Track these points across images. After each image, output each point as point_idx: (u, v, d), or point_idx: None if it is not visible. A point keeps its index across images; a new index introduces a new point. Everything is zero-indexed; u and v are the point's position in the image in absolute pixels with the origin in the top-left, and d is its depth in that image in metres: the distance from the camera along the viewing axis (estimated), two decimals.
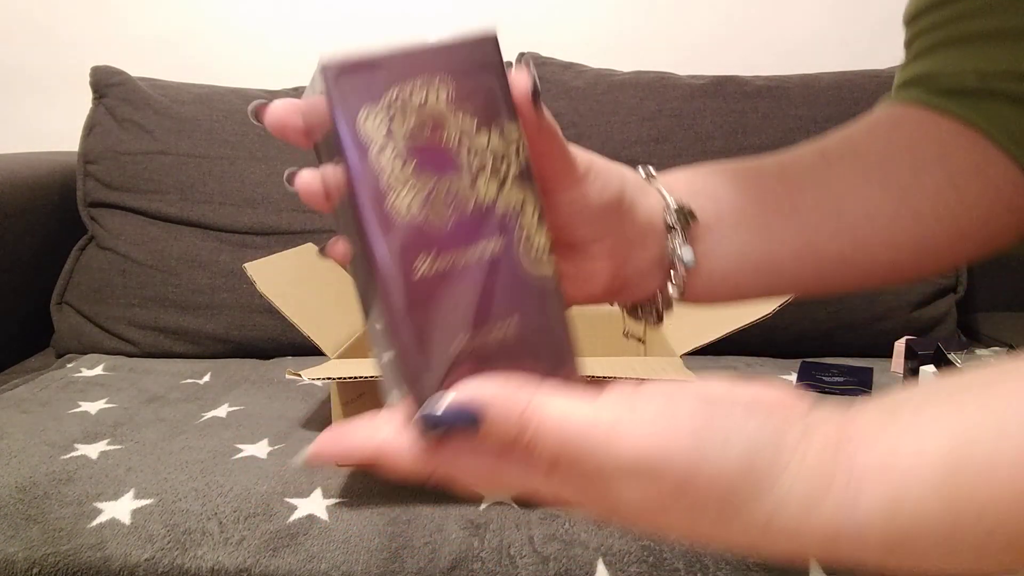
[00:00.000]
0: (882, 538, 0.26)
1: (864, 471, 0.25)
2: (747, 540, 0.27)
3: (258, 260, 0.77)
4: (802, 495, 0.26)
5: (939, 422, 0.26)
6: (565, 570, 0.59)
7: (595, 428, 0.26)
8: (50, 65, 1.47)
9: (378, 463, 0.29)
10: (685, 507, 0.26)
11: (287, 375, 0.60)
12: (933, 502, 0.25)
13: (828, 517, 0.26)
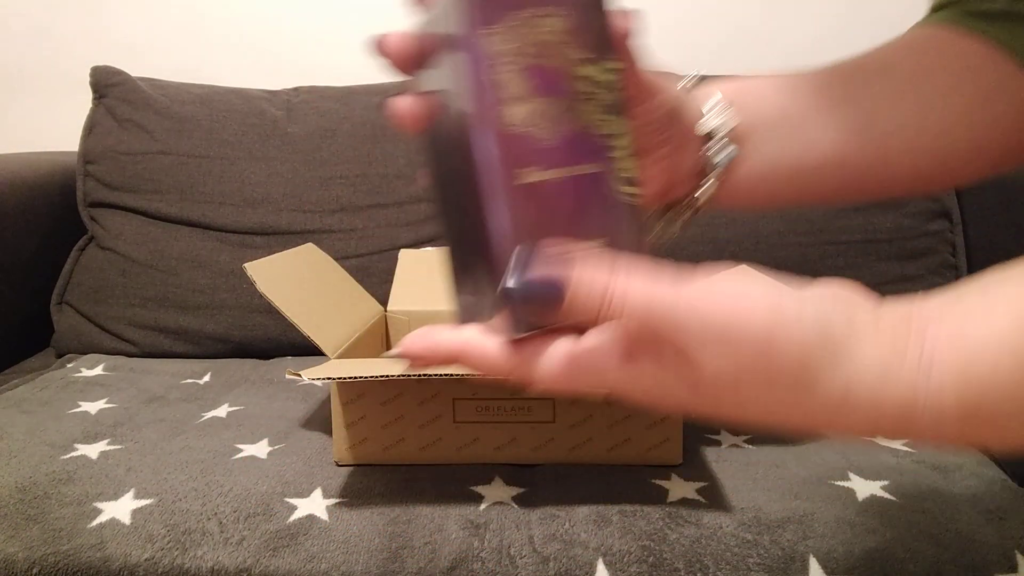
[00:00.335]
0: (957, 405, 0.26)
1: (935, 342, 0.26)
2: (824, 414, 0.27)
3: (258, 260, 0.77)
4: (876, 366, 0.26)
5: (1008, 296, 0.27)
6: (565, 570, 0.59)
7: (678, 298, 0.27)
8: (50, 65, 1.47)
9: (462, 360, 0.31)
10: (764, 378, 0.27)
11: (287, 375, 0.60)
12: (1007, 366, 0.25)
13: (903, 388, 0.26)
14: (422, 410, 0.71)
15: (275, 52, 1.45)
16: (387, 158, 1.19)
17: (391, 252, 1.15)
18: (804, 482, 0.68)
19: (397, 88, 1.25)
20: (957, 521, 0.62)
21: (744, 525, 0.62)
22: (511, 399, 0.70)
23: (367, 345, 0.88)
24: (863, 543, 0.60)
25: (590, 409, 0.70)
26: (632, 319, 0.27)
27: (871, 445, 0.76)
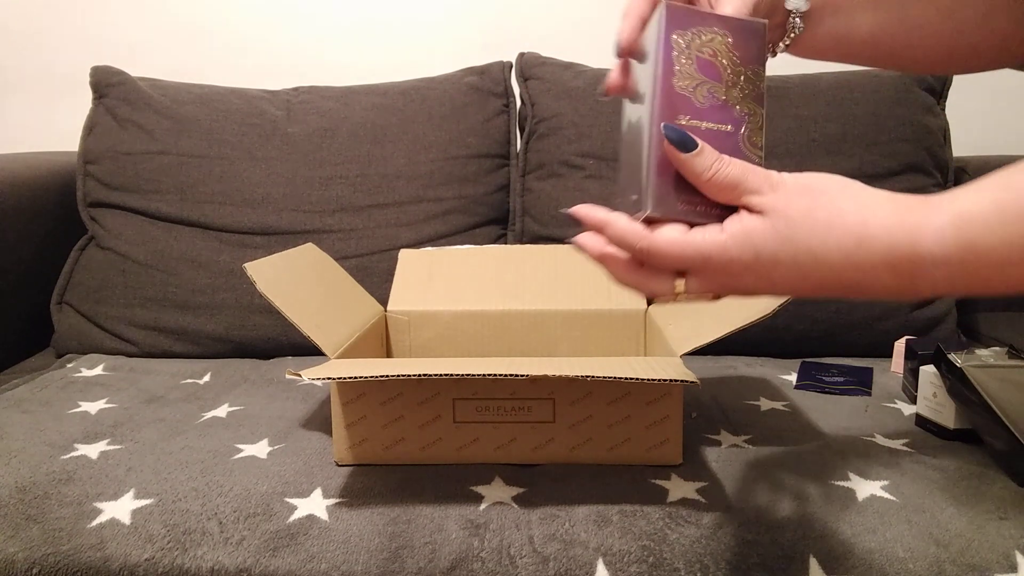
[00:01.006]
0: (955, 244, 0.36)
1: (935, 203, 0.37)
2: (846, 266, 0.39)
3: (258, 260, 0.77)
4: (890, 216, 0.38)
5: (991, 178, 0.37)
6: (565, 570, 0.59)
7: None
8: (50, 65, 1.47)
9: (605, 226, 0.44)
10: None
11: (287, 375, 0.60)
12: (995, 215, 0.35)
13: (909, 228, 0.37)
14: (422, 410, 0.71)
15: (275, 52, 1.45)
16: (387, 158, 1.19)
17: (391, 252, 1.15)
18: (804, 482, 0.68)
19: (397, 88, 1.25)
20: (957, 521, 0.62)
21: (744, 525, 0.62)
22: (511, 399, 0.70)
23: (367, 345, 0.88)
24: (863, 543, 0.60)
25: (590, 409, 0.70)
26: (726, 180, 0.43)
27: (871, 445, 0.76)
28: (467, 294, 0.99)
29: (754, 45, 0.47)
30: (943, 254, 0.36)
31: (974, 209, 0.36)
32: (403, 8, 1.43)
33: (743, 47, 0.47)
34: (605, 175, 1.16)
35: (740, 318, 0.71)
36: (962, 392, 0.73)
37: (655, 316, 0.92)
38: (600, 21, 1.42)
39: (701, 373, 0.99)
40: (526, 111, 1.26)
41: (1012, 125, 1.43)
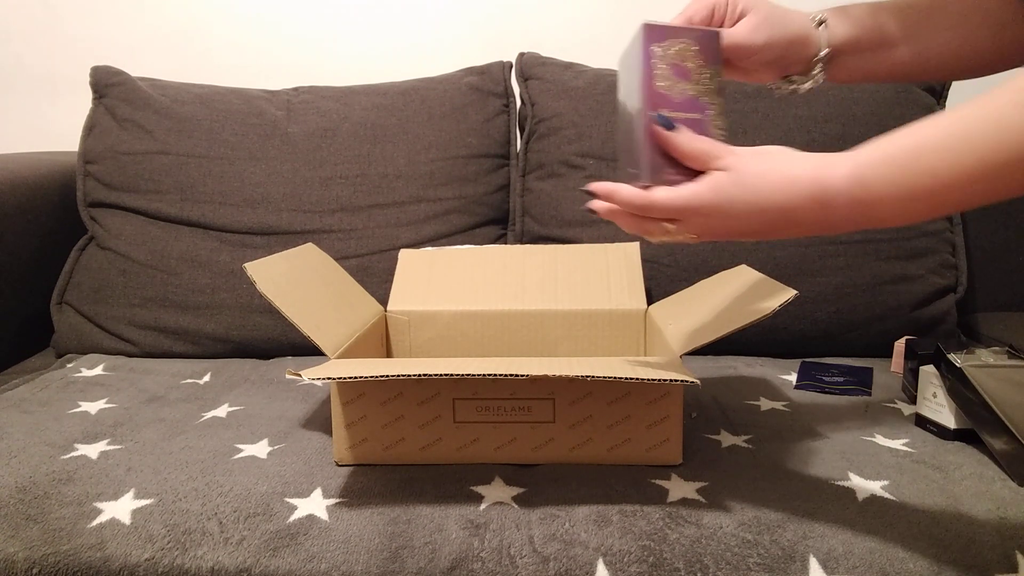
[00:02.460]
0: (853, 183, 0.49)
1: (841, 156, 0.50)
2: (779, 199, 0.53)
3: (258, 260, 0.77)
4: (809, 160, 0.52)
5: (886, 136, 0.48)
6: (565, 570, 0.59)
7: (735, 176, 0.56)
8: (50, 65, 1.47)
9: (613, 194, 0.58)
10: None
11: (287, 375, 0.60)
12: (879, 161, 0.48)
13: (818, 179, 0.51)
14: (422, 410, 0.71)
15: (275, 52, 1.45)
16: (387, 158, 1.19)
17: (391, 252, 1.15)
18: (804, 482, 0.68)
19: (397, 88, 1.25)
20: (957, 521, 0.62)
21: (744, 525, 0.62)
22: (511, 399, 0.70)
23: (367, 345, 0.88)
24: (863, 543, 0.60)
25: (590, 409, 0.70)
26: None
27: (871, 445, 0.76)
28: (467, 294, 0.99)
29: (713, 49, 0.61)
30: (846, 190, 0.49)
31: (867, 158, 0.49)
32: (403, 8, 1.43)
33: (705, 52, 0.61)
34: (605, 175, 1.16)
35: (739, 318, 0.71)
36: (962, 392, 0.73)
37: (655, 316, 0.92)
38: (600, 21, 1.42)
39: (701, 373, 0.99)
40: (526, 111, 1.26)
41: None
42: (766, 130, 1.14)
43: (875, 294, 1.08)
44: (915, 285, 1.10)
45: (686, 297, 0.92)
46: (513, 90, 1.29)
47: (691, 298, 0.90)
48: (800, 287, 1.08)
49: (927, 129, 0.46)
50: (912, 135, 0.47)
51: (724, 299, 0.82)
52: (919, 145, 0.46)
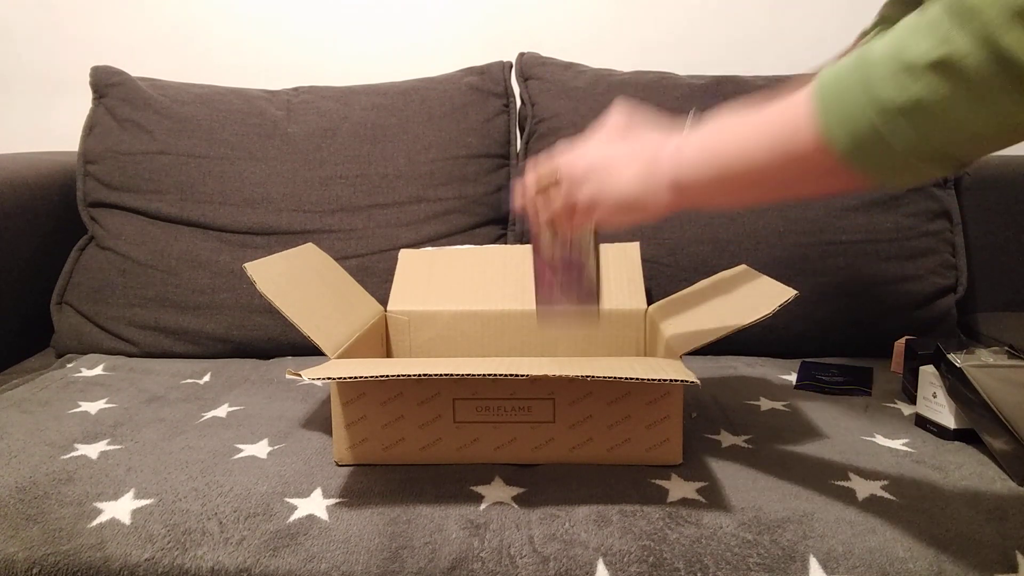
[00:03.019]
0: (674, 163, 0.58)
1: (673, 138, 0.59)
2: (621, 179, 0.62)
3: (258, 260, 0.77)
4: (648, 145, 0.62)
5: (707, 124, 0.57)
6: (565, 570, 0.59)
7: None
8: (50, 65, 1.47)
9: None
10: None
11: (287, 375, 0.60)
12: (695, 147, 0.56)
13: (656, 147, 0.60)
14: (422, 410, 0.71)
15: (275, 52, 1.45)
16: (387, 158, 1.19)
17: (391, 252, 1.15)
18: (804, 482, 0.68)
19: (397, 88, 1.25)
20: (957, 521, 0.62)
21: (744, 525, 0.62)
22: (511, 399, 0.70)
23: (367, 345, 0.88)
24: (863, 543, 0.60)
25: (590, 409, 0.70)
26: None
27: (871, 445, 0.76)
28: (467, 294, 0.99)
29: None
30: (669, 162, 0.58)
31: (686, 142, 0.57)
32: (403, 8, 1.43)
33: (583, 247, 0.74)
34: None
35: (739, 318, 0.71)
36: (962, 392, 0.73)
37: (655, 316, 0.92)
38: (600, 21, 1.42)
39: (701, 373, 0.99)
40: (526, 111, 1.26)
41: None
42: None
43: (875, 294, 1.08)
44: (915, 285, 1.10)
45: (686, 297, 0.92)
46: (513, 90, 1.29)
47: (691, 298, 0.90)
48: (800, 287, 1.08)
49: (726, 127, 0.55)
50: (718, 130, 0.56)
51: (724, 299, 0.82)
52: (717, 162, 0.55)
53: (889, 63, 0.44)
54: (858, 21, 1.38)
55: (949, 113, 0.42)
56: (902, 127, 0.43)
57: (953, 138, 0.43)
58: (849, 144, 0.46)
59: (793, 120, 0.50)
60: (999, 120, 0.41)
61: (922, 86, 0.42)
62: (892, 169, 0.46)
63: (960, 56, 0.40)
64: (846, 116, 0.46)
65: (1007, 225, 1.23)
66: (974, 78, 0.40)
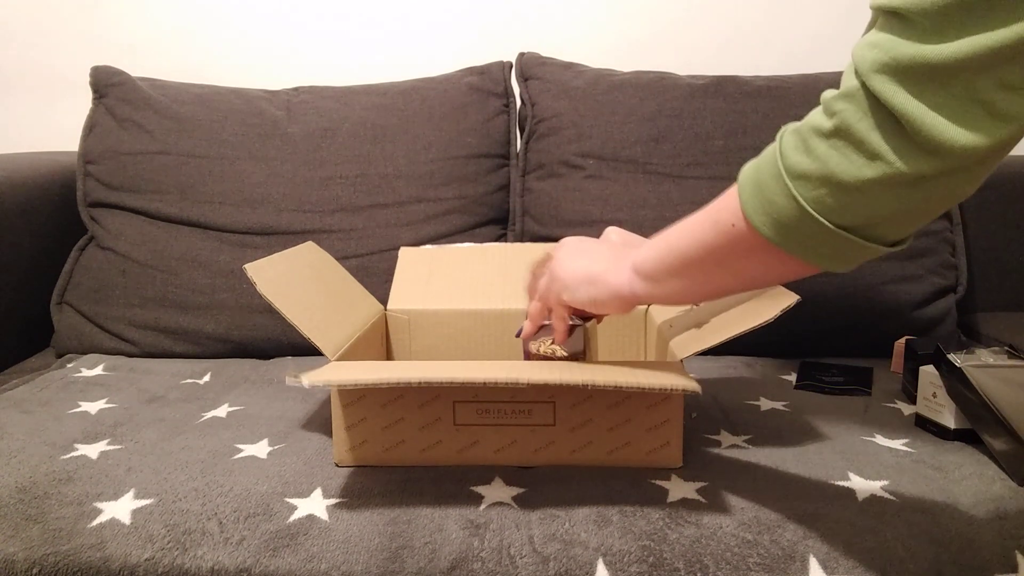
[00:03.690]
0: (632, 281, 0.61)
1: (628, 257, 0.62)
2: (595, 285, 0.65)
3: (258, 260, 0.77)
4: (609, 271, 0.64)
5: (658, 236, 0.59)
6: (565, 570, 0.59)
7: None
8: (50, 65, 1.47)
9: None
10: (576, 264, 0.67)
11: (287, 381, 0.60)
12: (653, 256, 0.59)
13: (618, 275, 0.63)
14: (422, 412, 0.71)
15: (275, 52, 1.45)
16: (387, 158, 1.19)
17: (391, 252, 1.15)
18: (804, 482, 0.68)
19: (397, 88, 1.25)
20: (957, 521, 0.62)
21: (744, 525, 0.62)
22: (511, 402, 0.70)
23: (367, 345, 0.88)
24: (863, 543, 0.60)
25: (590, 412, 0.70)
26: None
27: (871, 445, 0.76)
28: (467, 293, 0.99)
29: (577, 338, 0.76)
30: (634, 252, 0.61)
31: (641, 257, 0.60)
32: (403, 8, 1.43)
33: (569, 343, 0.75)
34: (605, 175, 1.16)
35: (741, 323, 0.71)
36: (962, 392, 0.73)
37: (656, 316, 0.92)
38: (600, 21, 1.42)
39: (701, 373, 0.99)
40: (526, 111, 1.26)
41: None
42: (766, 130, 1.14)
43: (875, 294, 1.08)
44: (915, 285, 1.10)
45: None
46: (513, 90, 1.29)
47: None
48: (800, 287, 1.08)
49: (684, 221, 0.57)
50: (665, 239, 0.58)
51: (726, 302, 0.82)
52: (666, 245, 0.58)
53: (794, 137, 0.46)
54: (858, 21, 1.38)
55: (844, 171, 0.43)
56: (807, 193, 0.44)
57: (857, 202, 0.43)
58: (769, 226, 0.47)
59: (729, 207, 0.51)
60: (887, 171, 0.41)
61: (823, 149, 0.43)
62: (821, 248, 0.46)
63: (844, 107, 0.42)
64: (763, 198, 0.47)
65: (1007, 225, 1.23)
66: (856, 125, 0.41)
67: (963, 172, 0.41)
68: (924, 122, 0.39)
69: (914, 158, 0.40)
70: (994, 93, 0.38)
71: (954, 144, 0.39)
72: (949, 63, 0.38)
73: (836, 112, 0.43)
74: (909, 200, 0.42)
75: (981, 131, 0.38)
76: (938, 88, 0.38)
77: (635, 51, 1.42)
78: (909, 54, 0.39)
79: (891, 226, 0.45)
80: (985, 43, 0.37)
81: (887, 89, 0.40)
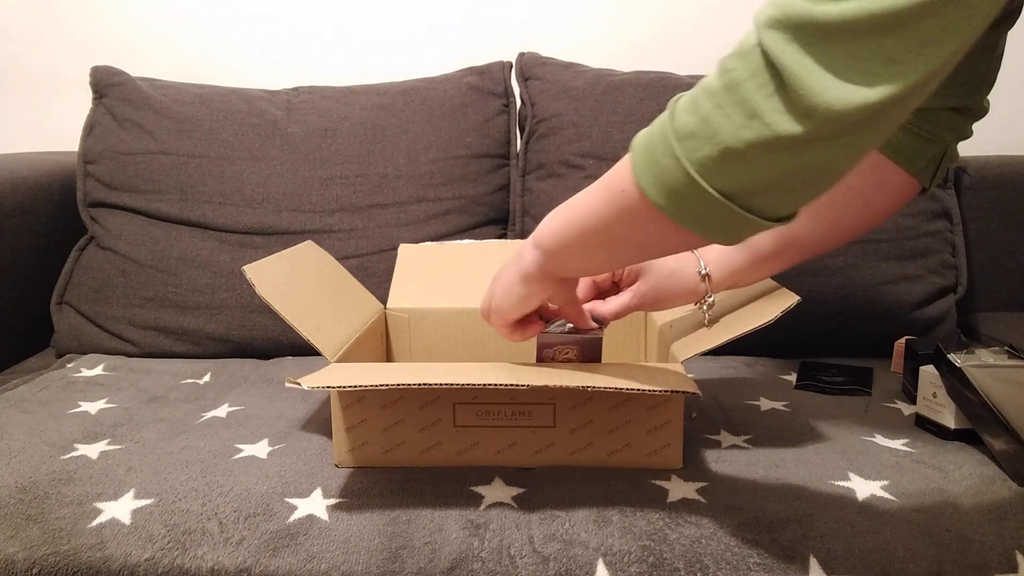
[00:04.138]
0: (534, 244, 0.62)
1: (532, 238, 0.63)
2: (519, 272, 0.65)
3: (257, 261, 0.77)
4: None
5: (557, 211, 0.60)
6: (565, 570, 0.59)
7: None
8: (50, 65, 1.47)
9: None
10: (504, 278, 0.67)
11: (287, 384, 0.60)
12: (552, 226, 0.59)
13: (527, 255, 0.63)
14: (422, 414, 0.71)
15: (275, 52, 1.45)
16: (387, 158, 1.19)
17: (391, 252, 1.15)
18: (804, 482, 0.68)
19: (397, 88, 1.25)
20: (957, 521, 0.62)
21: (744, 525, 0.62)
22: (512, 404, 0.70)
23: (367, 345, 0.88)
24: (863, 543, 0.60)
25: (591, 414, 0.70)
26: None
27: (871, 445, 0.76)
28: (467, 290, 0.99)
29: (592, 348, 0.72)
30: (532, 263, 0.62)
31: (541, 232, 0.61)
32: (403, 8, 1.43)
33: (584, 353, 0.72)
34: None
35: (741, 325, 0.71)
36: (962, 392, 0.73)
37: (656, 318, 0.91)
38: (600, 21, 1.42)
39: (701, 373, 0.99)
40: (526, 111, 1.26)
41: (1012, 125, 1.43)
42: None
43: (875, 294, 1.08)
44: (915, 285, 1.10)
45: None
46: (513, 90, 1.29)
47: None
48: (800, 287, 1.08)
49: (569, 206, 0.58)
50: (564, 209, 0.59)
51: (727, 302, 0.82)
52: (564, 215, 0.58)
53: (687, 98, 0.46)
54: None
55: (725, 131, 0.42)
56: (690, 154, 0.44)
57: (736, 165, 0.43)
58: (655, 187, 0.47)
59: (621, 172, 0.51)
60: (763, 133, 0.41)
61: (708, 108, 0.43)
62: (702, 215, 0.46)
63: (735, 66, 0.42)
64: (650, 159, 0.47)
65: (1007, 225, 1.23)
66: (743, 84, 0.41)
67: (836, 141, 0.40)
68: (804, 80, 0.39)
69: (788, 119, 0.40)
70: (873, 61, 0.38)
71: (829, 107, 0.39)
72: (835, 23, 0.38)
73: (727, 70, 0.43)
74: (785, 167, 0.42)
75: (857, 97, 0.38)
76: (822, 48, 0.39)
77: (635, 51, 1.42)
78: (800, 11, 0.39)
79: (771, 198, 0.44)
80: (869, 7, 0.37)
81: (776, 45, 0.40)
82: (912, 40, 0.37)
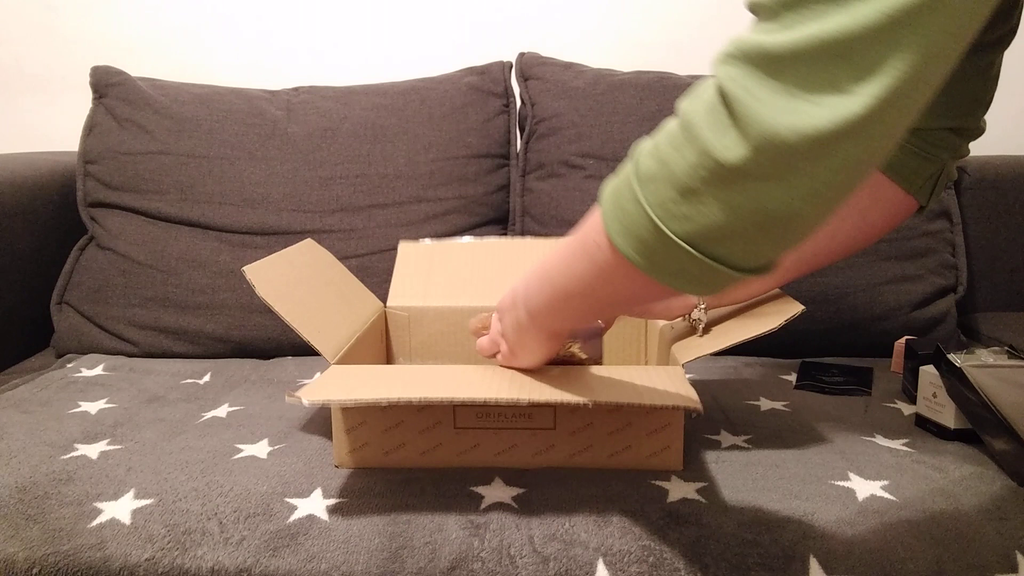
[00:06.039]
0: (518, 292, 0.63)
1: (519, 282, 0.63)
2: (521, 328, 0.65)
3: (257, 262, 0.77)
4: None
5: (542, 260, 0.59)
6: (565, 570, 0.59)
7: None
8: (50, 65, 1.47)
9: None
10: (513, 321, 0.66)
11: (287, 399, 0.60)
12: (532, 284, 0.60)
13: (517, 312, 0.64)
14: (423, 415, 0.71)
15: (275, 52, 1.45)
16: (387, 158, 1.19)
17: (391, 252, 1.15)
18: (804, 482, 0.68)
19: (397, 88, 1.25)
20: (957, 521, 0.62)
21: (744, 525, 0.62)
22: (512, 406, 0.70)
23: (367, 345, 0.88)
24: (863, 543, 0.60)
25: (591, 416, 0.70)
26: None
27: (871, 445, 0.76)
28: (467, 289, 0.99)
29: (597, 344, 0.77)
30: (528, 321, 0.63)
31: (526, 295, 0.61)
32: (403, 8, 1.43)
33: (586, 348, 0.75)
34: (605, 175, 1.16)
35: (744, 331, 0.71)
36: (962, 392, 0.73)
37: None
38: (600, 21, 1.42)
39: (701, 374, 0.99)
40: (526, 111, 1.26)
41: (1012, 125, 1.43)
42: None
43: (875, 294, 1.08)
44: (915, 285, 1.10)
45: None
46: (513, 90, 1.29)
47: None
48: (800, 287, 1.08)
49: (550, 268, 0.57)
50: (546, 272, 0.58)
51: (730, 308, 0.82)
52: (548, 279, 0.58)
53: (650, 142, 0.45)
54: None
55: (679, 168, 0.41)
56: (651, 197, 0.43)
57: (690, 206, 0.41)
58: (622, 235, 0.45)
59: (594, 224, 0.49)
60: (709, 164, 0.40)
61: (665, 149, 0.43)
62: (667, 263, 0.44)
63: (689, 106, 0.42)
64: (617, 206, 0.46)
65: (1007, 225, 1.23)
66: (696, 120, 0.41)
67: (788, 181, 0.39)
68: (753, 109, 0.38)
69: (736, 149, 0.39)
70: (824, 89, 0.37)
71: (776, 135, 0.38)
72: (783, 52, 0.37)
73: (685, 112, 0.42)
74: (739, 207, 0.40)
75: (805, 126, 0.37)
76: (773, 78, 0.38)
77: (635, 51, 1.42)
78: (752, 43, 0.39)
79: (734, 245, 0.42)
80: (819, 34, 0.37)
81: (729, 77, 0.39)
82: (861, 67, 0.36)
